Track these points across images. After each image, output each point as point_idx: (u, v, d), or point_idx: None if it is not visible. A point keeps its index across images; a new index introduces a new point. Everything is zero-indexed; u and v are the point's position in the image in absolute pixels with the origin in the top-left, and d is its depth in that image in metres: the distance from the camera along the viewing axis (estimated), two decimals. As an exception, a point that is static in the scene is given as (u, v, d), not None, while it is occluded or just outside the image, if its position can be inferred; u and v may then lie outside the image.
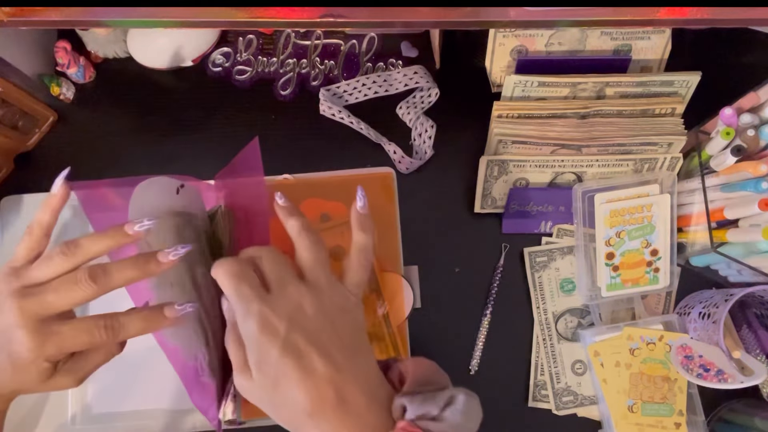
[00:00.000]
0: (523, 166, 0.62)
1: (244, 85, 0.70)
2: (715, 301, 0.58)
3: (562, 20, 0.50)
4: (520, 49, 0.63)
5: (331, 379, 0.37)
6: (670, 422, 0.60)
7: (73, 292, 0.39)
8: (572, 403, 0.63)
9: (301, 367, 0.37)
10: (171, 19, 0.49)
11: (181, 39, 0.67)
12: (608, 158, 0.62)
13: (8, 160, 0.66)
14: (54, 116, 0.68)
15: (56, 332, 0.40)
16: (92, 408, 0.61)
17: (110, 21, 0.50)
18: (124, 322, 0.41)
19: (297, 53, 0.71)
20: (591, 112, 0.61)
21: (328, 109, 0.68)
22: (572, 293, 0.65)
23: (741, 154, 0.54)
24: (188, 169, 0.66)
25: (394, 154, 0.66)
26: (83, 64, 0.68)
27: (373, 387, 0.39)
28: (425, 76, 0.69)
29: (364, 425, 0.37)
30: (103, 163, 0.67)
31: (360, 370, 0.39)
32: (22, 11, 0.49)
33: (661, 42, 0.62)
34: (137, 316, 0.42)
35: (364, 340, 0.41)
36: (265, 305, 0.38)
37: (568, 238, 0.65)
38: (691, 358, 0.58)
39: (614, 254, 0.62)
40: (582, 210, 0.63)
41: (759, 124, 0.56)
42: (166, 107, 0.69)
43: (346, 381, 0.37)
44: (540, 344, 0.64)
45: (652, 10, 0.49)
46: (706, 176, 0.59)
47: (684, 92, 0.61)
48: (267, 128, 0.69)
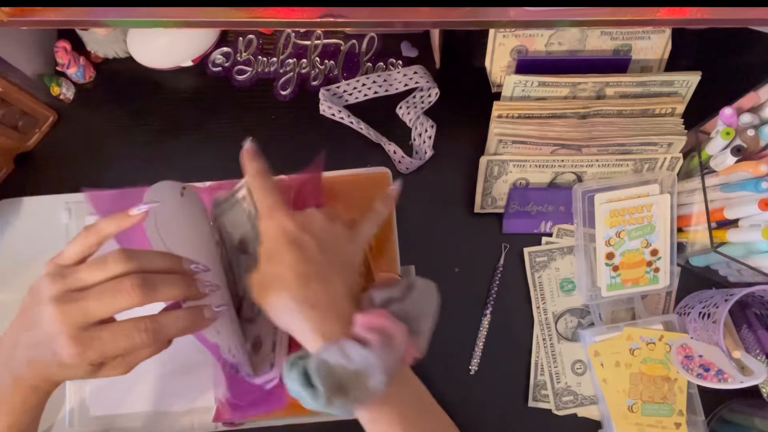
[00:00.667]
0: (523, 166, 0.62)
1: (243, 85, 0.70)
2: (715, 301, 0.58)
3: (562, 20, 0.50)
4: (520, 48, 0.63)
5: (320, 267, 0.44)
6: (670, 422, 0.60)
7: (116, 301, 0.40)
8: (572, 403, 0.63)
9: (301, 256, 0.44)
10: (171, 19, 0.49)
11: (181, 39, 0.67)
12: (608, 158, 0.62)
13: (8, 159, 0.66)
14: (54, 116, 0.68)
15: (97, 338, 0.40)
16: (90, 410, 0.61)
17: (110, 21, 0.50)
18: (164, 324, 0.42)
19: (297, 53, 0.71)
20: (591, 112, 0.61)
21: (328, 109, 0.68)
22: (572, 293, 0.65)
23: (741, 154, 0.54)
24: (188, 169, 0.66)
25: (394, 154, 0.66)
26: (83, 64, 0.68)
27: (353, 290, 0.45)
28: (425, 76, 0.69)
29: (338, 311, 0.43)
30: (103, 162, 0.67)
31: (345, 277, 0.45)
32: (22, 11, 0.49)
33: (661, 42, 0.62)
34: (178, 318, 0.42)
35: (354, 268, 0.47)
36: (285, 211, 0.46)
37: (568, 238, 0.65)
38: (691, 358, 0.58)
39: (614, 254, 0.62)
40: (582, 210, 0.63)
41: (759, 124, 0.56)
42: (166, 107, 0.69)
43: (332, 273, 0.44)
44: (540, 344, 0.64)
45: (652, 10, 0.49)
46: (706, 176, 0.59)
47: (684, 92, 0.61)
48: (267, 128, 0.69)
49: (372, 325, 0.41)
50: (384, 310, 0.43)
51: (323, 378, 0.39)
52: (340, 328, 0.42)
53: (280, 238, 0.44)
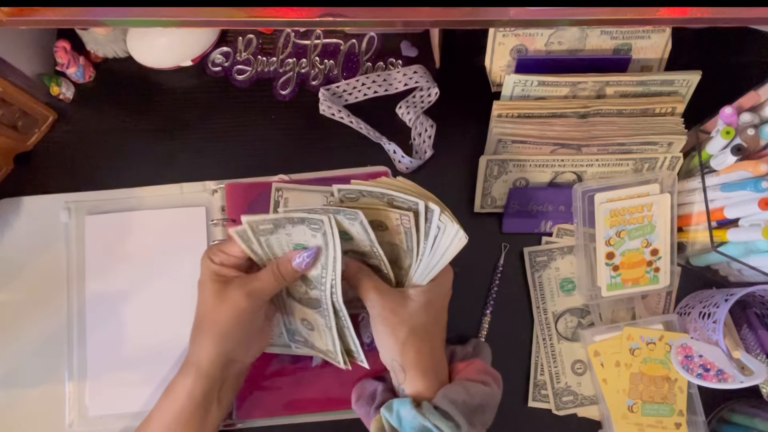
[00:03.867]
0: (523, 166, 0.62)
1: (243, 85, 0.70)
2: (716, 301, 0.58)
3: (562, 19, 0.50)
4: (519, 48, 0.62)
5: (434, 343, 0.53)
6: (670, 422, 0.60)
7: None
8: (572, 403, 0.63)
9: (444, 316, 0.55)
10: (171, 18, 0.49)
11: (181, 39, 0.67)
12: (608, 158, 0.62)
13: (8, 159, 0.66)
14: (54, 116, 0.68)
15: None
16: (90, 410, 0.61)
17: (110, 21, 0.50)
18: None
19: (297, 53, 0.71)
20: (591, 111, 0.61)
21: (328, 108, 0.68)
22: (572, 293, 0.64)
23: (741, 153, 0.54)
24: (188, 169, 0.66)
25: (394, 153, 0.66)
26: (83, 63, 0.68)
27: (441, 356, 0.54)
28: (425, 75, 0.69)
29: (444, 362, 0.53)
30: (103, 162, 0.67)
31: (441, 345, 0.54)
32: (21, 11, 0.49)
33: (662, 41, 0.62)
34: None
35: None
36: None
37: (568, 238, 0.65)
38: (691, 358, 0.58)
39: (614, 254, 0.62)
40: (582, 209, 0.63)
41: (759, 123, 0.56)
42: (166, 107, 0.69)
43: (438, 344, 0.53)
44: (540, 344, 0.64)
45: (652, 10, 0.49)
46: (707, 176, 0.59)
47: (684, 91, 0.61)
48: (267, 128, 0.69)
49: (482, 369, 0.52)
50: (479, 360, 0.54)
51: (457, 408, 0.47)
52: (443, 375, 0.52)
53: (446, 297, 0.54)
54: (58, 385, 0.61)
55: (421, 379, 0.49)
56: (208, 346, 0.49)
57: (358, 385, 0.56)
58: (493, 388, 0.51)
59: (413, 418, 0.46)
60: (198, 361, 0.49)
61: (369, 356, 0.56)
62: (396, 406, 0.48)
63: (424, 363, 0.50)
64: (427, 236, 0.50)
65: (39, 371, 0.62)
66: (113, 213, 0.65)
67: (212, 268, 0.50)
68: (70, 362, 0.62)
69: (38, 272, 0.64)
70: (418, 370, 0.49)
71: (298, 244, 0.50)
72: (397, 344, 0.49)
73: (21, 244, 0.65)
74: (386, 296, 0.50)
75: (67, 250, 0.64)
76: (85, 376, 0.61)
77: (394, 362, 0.50)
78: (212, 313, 0.49)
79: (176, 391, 0.49)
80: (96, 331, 0.62)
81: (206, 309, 0.49)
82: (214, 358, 0.49)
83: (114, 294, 0.63)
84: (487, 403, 0.49)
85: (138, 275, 0.63)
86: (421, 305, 0.50)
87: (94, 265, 0.64)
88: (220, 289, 0.49)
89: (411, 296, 0.51)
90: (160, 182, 0.66)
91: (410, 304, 0.50)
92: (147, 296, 0.63)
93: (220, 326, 0.49)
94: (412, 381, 0.49)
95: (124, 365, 0.62)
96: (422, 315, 0.50)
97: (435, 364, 0.51)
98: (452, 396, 0.48)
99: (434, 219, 0.49)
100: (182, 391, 0.48)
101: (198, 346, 0.49)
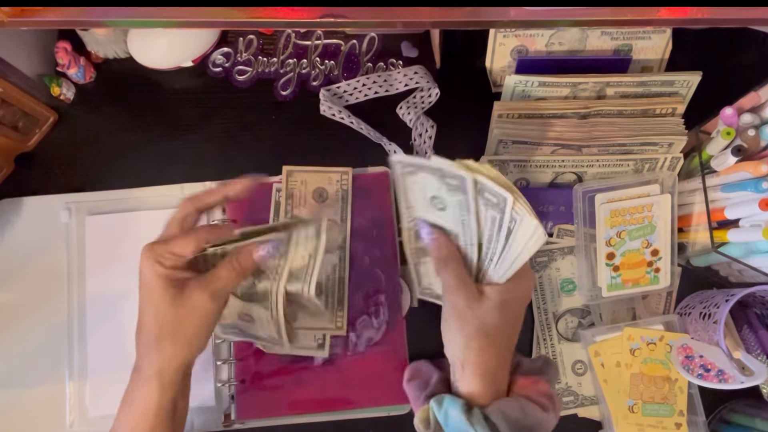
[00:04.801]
0: (524, 167, 0.62)
1: (244, 86, 0.70)
2: (716, 301, 0.58)
3: (562, 20, 0.50)
4: (520, 48, 0.62)
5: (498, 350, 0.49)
6: (670, 422, 0.60)
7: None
8: (573, 404, 0.63)
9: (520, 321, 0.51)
10: (171, 19, 0.49)
11: (181, 39, 0.67)
12: (609, 158, 0.62)
13: (9, 160, 0.66)
14: (54, 116, 0.68)
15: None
16: (89, 410, 0.61)
17: (110, 21, 0.50)
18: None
19: (297, 53, 0.71)
20: (591, 112, 0.61)
21: (328, 109, 0.68)
22: (573, 293, 0.64)
23: (741, 154, 0.54)
24: (188, 170, 0.66)
25: (395, 154, 0.66)
26: (83, 64, 0.68)
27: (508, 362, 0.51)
28: (425, 76, 0.69)
29: (507, 369, 0.50)
30: (103, 163, 0.67)
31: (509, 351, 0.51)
32: (22, 11, 0.49)
33: (662, 42, 0.62)
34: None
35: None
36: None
37: (569, 238, 0.65)
38: (692, 358, 0.58)
39: (615, 254, 0.62)
40: (582, 210, 0.63)
41: (759, 124, 0.56)
42: (166, 107, 0.69)
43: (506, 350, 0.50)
44: (540, 344, 0.64)
45: (652, 10, 0.49)
46: (707, 176, 0.59)
47: (684, 92, 0.61)
48: (267, 128, 0.69)
49: (545, 392, 0.49)
50: (542, 379, 0.50)
51: (508, 425, 0.45)
52: (503, 384, 0.49)
53: (523, 301, 0.51)
54: (59, 385, 0.61)
55: (479, 381, 0.47)
56: (171, 355, 0.46)
57: (414, 365, 0.55)
58: (550, 415, 0.47)
59: (460, 422, 0.45)
60: (161, 370, 0.46)
61: (369, 354, 0.55)
62: (447, 403, 0.46)
63: (485, 365, 0.47)
64: (501, 228, 0.47)
65: (39, 371, 0.62)
66: (114, 213, 0.65)
67: (161, 272, 0.46)
68: (70, 362, 0.62)
69: (39, 272, 0.64)
70: (478, 371, 0.47)
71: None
72: (463, 339, 0.47)
73: (21, 244, 0.65)
74: (465, 288, 0.48)
75: (67, 251, 0.64)
76: (85, 376, 0.61)
77: (456, 358, 0.48)
78: (174, 320, 0.46)
79: (140, 404, 0.46)
80: (96, 331, 0.62)
81: (165, 316, 0.46)
82: (178, 366, 0.47)
83: (114, 294, 0.63)
84: (539, 428, 0.47)
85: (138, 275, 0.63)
86: (496, 305, 0.48)
87: (95, 265, 0.64)
88: (178, 294, 0.46)
89: (487, 294, 0.48)
90: (161, 183, 0.66)
91: (485, 301, 0.48)
92: (147, 296, 0.63)
93: (184, 333, 0.46)
94: (469, 381, 0.47)
95: (125, 365, 0.61)
96: (495, 315, 0.48)
97: (496, 369, 0.49)
98: (506, 410, 0.46)
99: (507, 209, 0.46)
100: (149, 405, 0.46)
101: (158, 355, 0.46)
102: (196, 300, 0.46)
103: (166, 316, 0.46)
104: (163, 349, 0.46)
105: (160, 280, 0.46)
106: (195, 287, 0.46)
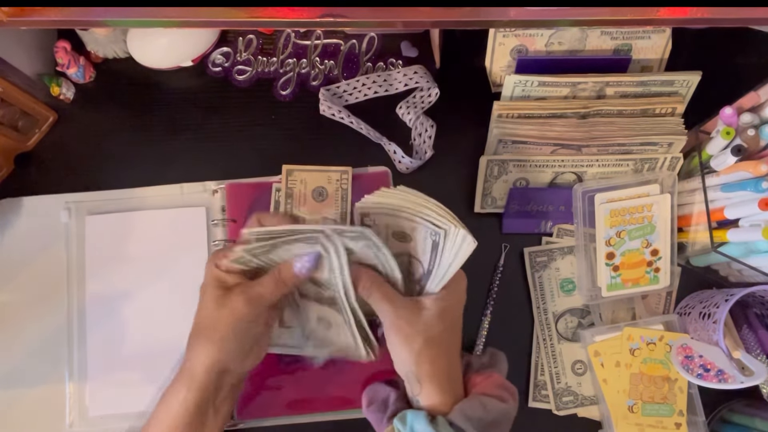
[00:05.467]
0: (524, 166, 0.62)
1: (243, 85, 0.70)
2: (716, 301, 0.58)
3: (562, 20, 0.50)
4: (520, 48, 0.62)
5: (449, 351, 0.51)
6: (670, 422, 0.60)
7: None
8: (572, 404, 0.63)
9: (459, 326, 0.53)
10: (171, 19, 0.49)
11: (181, 39, 0.67)
12: (608, 158, 0.62)
13: (8, 160, 0.66)
14: (54, 116, 0.68)
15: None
16: (89, 410, 0.61)
17: (110, 21, 0.50)
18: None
19: (297, 53, 0.71)
20: (591, 111, 0.61)
21: (328, 109, 0.68)
22: (572, 293, 0.64)
23: (741, 153, 0.54)
24: (188, 169, 0.66)
25: (394, 154, 0.66)
26: (83, 64, 0.68)
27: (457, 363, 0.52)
28: (425, 76, 0.69)
29: (459, 373, 0.51)
30: (103, 163, 0.67)
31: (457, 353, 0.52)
32: (22, 11, 0.49)
33: (662, 41, 0.62)
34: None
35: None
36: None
37: (569, 238, 0.65)
38: (692, 358, 0.58)
39: (614, 254, 0.62)
40: (582, 210, 0.63)
41: (759, 124, 0.56)
42: (166, 107, 0.69)
43: (455, 354, 0.52)
44: (540, 344, 0.64)
45: (652, 10, 0.49)
46: (707, 176, 0.59)
47: (684, 92, 0.61)
48: (267, 128, 0.69)
49: (500, 384, 0.50)
50: (494, 373, 0.51)
51: (473, 425, 0.46)
52: (459, 388, 0.50)
53: (460, 303, 0.52)
54: (58, 385, 0.61)
55: (437, 392, 0.48)
56: (203, 353, 0.48)
57: (370, 389, 0.54)
58: (510, 404, 0.49)
59: (428, 423, 0.45)
60: (192, 368, 0.48)
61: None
62: (410, 419, 0.47)
63: (439, 375, 0.48)
64: (431, 244, 0.49)
65: (39, 371, 0.62)
66: (114, 213, 0.65)
67: (216, 275, 0.49)
68: (70, 362, 0.62)
69: (38, 272, 0.64)
70: (434, 382, 0.48)
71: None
72: (412, 355, 0.48)
73: (21, 244, 0.65)
74: (399, 306, 0.49)
75: (67, 251, 0.64)
76: (85, 377, 0.61)
77: (410, 373, 0.49)
78: (210, 319, 0.48)
79: (170, 400, 0.48)
80: (96, 331, 0.62)
81: (205, 315, 0.49)
82: (209, 366, 0.47)
83: (114, 294, 0.63)
84: (502, 419, 0.48)
85: (138, 275, 0.63)
86: (435, 314, 0.49)
87: (95, 265, 0.64)
88: (222, 295, 0.48)
89: (425, 305, 0.49)
90: (161, 182, 0.66)
91: (424, 313, 0.49)
92: (147, 296, 0.63)
93: (218, 333, 0.48)
94: (429, 393, 0.48)
95: (125, 365, 0.62)
96: (437, 324, 0.49)
97: (451, 375, 0.50)
98: (468, 412, 0.46)
99: (430, 225, 0.48)
100: (176, 401, 0.47)
101: (194, 353, 0.48)
102: (234, 301, 0.48)
103: (206, 315, 0.48)
104: (196, 347, 0.48)
105: (213, 281, 0.49)
106: (237, 290, 0.48)
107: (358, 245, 0.49)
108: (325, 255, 0.49)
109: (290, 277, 0.49)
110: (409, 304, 0.50)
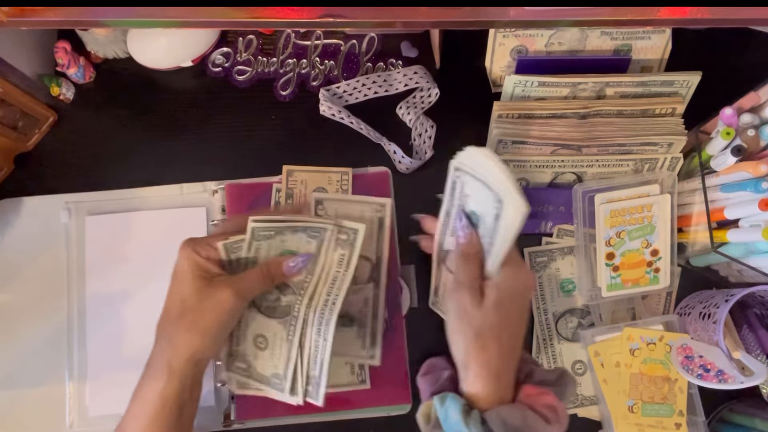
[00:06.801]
0: (523, 166, 0.62)
1: (243, 86, 0.70)
2: (716, 302, 0.58)
3: (562, 20, 0.50)
4: (520, 48, 0.63)
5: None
6: (670, 422, 0.60)
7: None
8: (572, 404, 0.63)
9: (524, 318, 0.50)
10: (171, 19, 0.49)
11: (181, 39, 0.67)
12: (608, 158, 0.62)
13: (8, 160, 0.66)
14: (54, 116, 0.68)
15: None
16: (89, 410, 0.61)
17: (110, 21, 0.50)
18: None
19: (297, 53, 0.71)
20: (591, 112, 0.61)
21: (328, 109, 0.68)
22: (572, 293, 0.64)
23: (741, 154, 0.54)
24: (188, 170, 0.66)
25: (394, 154, 0.66)
26: (83, 64, 0.68)
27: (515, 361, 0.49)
28: (425, 76, 0.69)
29: (512, 373, 0.48)
30: (104, 163, 0.67)
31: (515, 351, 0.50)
32: (22, 11, 0.49)
33: (662, 42, 0.62)
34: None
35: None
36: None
37: (568, 238, 0.65)
38: (692, 358, 0.58)
39: (614, 254, 0.62)
40: (582, 210, 0.63)
41: (759, 124, 0.56)
42: (166, 107, 0.69)
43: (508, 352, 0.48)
44: (540, 344, 0.64)
45: (652, 10, 0.49)
46: (707, 176, 0.59)
47: (684, 92, 0.61)
48: (267, 129, 0.69)
49: (553, 405, 0.46)
50: (550, 391, 0.47)
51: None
52: (506, 389, 0.47)
53: (522, 295, 0.50)
54: (58, 385, 0.62)
55: (481, 383, 0.47)
56: (184, 344, 0.47)
57: (430, 361, 0.54)
58: (552, 429, 0.46)
59: (457, 423, 0.45)
60: (169, 359, 0.47)
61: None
62: (449, 401, 0.46)
63: (486, 367, 0.47)
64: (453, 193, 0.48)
65: (39, 371, 0.62)
66: (113, 213, 0.65)
67: (197, 261, 0.48)
68: (70, 362, 0.62)
69: (38, 272, 0.64)
70: (480, 372, 0.47)
71: (287, 251, 0.51)
72: (465, 340, 0.47)
73: (21, 244, 0.65)
74: (473, 289, 0.48)
75: (67, 251, 0.64)
76: (85, 377, 0.62)
77: (459, 358, 0.48)
78: (195, 310, 0.47)
79: (146, 394, 0.47)
80: (96, 331, 0.62)
81: (187, 304, 0.48)
82: (189, 357, 0.47)
83: (114, 294, 0.63)
84: None
85: (138, 275, 0.63)
86: (493, 303, 0.47)
87: (94, 265, 0.64)
88: (205, 286, 0.48)
89: (486, 293, 0.48)
90: (161, 183, 0.66)
91: (485, 301, 0.48)
92: (147, 296, 0.63)
93: (203, 324, 0.47)
94: (472, 382, 0.47)
95: (124, 365, 0.62)
96: (492, 315, 0.47)
97: (499, 371, 0.47)
98: (505, 417, 0.45)
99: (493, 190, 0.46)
100: (152, 394, 0.46)
101: (170, 343, 0.47)
102: (221, 293, 0.47)
103: (188, 305, 0.47)
104: (177, 337, 0.47)
105: (193, 268, 0.48)
106: (223, 283, 0.48)
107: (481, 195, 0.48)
108: (316, 257, 0.49)
109: (279, 275, 0.49)
110: (478, 290, 0.48)
